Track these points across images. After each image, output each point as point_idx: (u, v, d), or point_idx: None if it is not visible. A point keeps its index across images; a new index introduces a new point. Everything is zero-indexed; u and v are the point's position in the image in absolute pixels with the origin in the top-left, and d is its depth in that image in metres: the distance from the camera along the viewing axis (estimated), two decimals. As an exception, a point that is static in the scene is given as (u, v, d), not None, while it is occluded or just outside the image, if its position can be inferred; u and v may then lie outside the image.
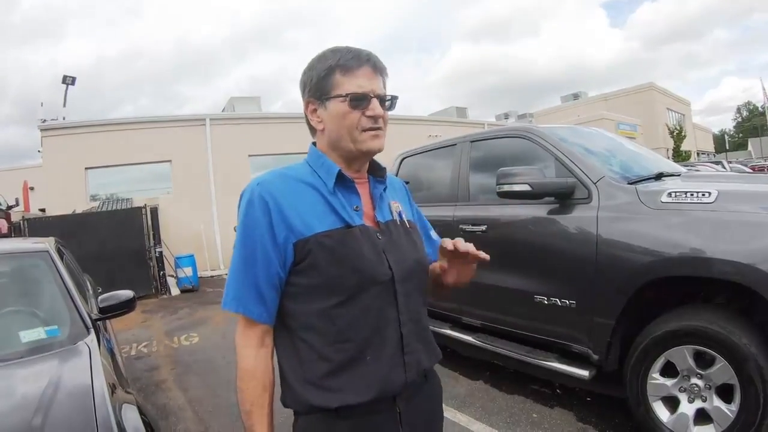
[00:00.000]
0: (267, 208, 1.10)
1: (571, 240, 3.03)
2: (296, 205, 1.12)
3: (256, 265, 1.10)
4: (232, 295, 1.13)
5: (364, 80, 1.14)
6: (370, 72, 1.16)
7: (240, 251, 1.13)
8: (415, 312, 1.20)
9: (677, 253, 2.53)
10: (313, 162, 1.21)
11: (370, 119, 1.14)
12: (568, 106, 37.76)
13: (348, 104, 1.13)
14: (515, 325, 3.52)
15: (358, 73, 1.14)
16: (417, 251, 1.27)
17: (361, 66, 1.15)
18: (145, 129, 14.04)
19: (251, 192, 1.13)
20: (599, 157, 3.33)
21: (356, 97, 1.13)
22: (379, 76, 1.18)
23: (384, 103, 1.17)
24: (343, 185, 1.18)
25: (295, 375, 1.13)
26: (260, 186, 1.13)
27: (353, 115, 1.14)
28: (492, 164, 3.72)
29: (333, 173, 1.17)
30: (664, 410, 2.65)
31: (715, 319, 2.47)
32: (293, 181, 1.16)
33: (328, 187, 1.16)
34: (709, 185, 2.69)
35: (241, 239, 1.13)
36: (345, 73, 1.14)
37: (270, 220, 1.09)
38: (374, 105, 1.14)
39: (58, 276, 2.81)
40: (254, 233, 1.10)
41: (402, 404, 1.15)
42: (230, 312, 1.12)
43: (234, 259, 1.14)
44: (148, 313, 8.67)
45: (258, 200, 1.11)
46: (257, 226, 1.10)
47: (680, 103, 41.09)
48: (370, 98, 1.14)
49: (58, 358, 2.14)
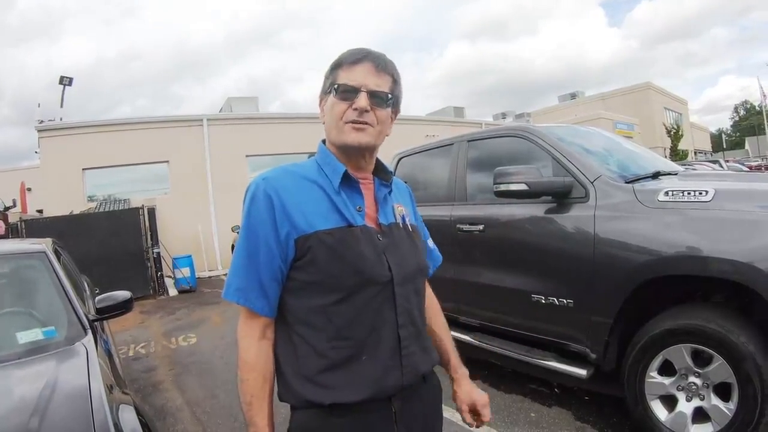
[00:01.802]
0: (271, 203, 1.11)
1: (569, 239, 3.03)
2: (300, 202, 1.13)
3: (259, 258, 1.12)
4: (235, 286, 1.15)
5: (359, 75, 1.15)
6: (370, 68, 1.16)
7: (243, 244, 1.14)
8: (413, 315, 1.20)
9: (674, 251, 2.54)
10: (321, 160, 1.23)
11: (355, 112, 1.14)
12: (565, 105, 37.88)
13: (336, 95, 1.16)
14: (513, 324, 3.52)
15: (355, 68, 1.16)
16: (418, 255, 1.27)
17: (360, 62, 1.16)
18: (143, 129, 14.03)
19: (256, 187, 1.14)
20: (596, 157, 3.34)
21: (344, 89, 1.14)
22: (382, 74, 1.17)
23: (379, 100, 1.16)
24: (348, 185, 1.19)
25: (291, 369, 1.14)
26: (265, 181, 1.14)
27: (340, 106, 1.15)
28: (489, 164, 3.72)
29: (339, 172, 1.17)
30: (662, 409, 2.66)
31: (713, 317, 2.47)
32: (299, 178, 1.18)
33: (333, 186, 1.17)
34: (706, 184, 2.69)
35: (245, 233, 1.14)
36: (345, 69, 1.17)
37: (273, 215, 1.11)
38: (360, 98, 1.13)
39: (55, 277, 2.80)
40: (258, 228, 1.12)
41: (397, 404, 1.15)
42: (232, 302, 1.14)
43: (237, 251, 1.16)
44: (146, 313, 8.66)
45: (262, 195, 1.12)
46: (261, 221, 1.12)
47: (677, 102, 41.24)
48: (359, 91, 1.14)
49: (55, 359, 2.13)
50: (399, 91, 1.23)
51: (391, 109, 1.21)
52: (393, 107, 1.22)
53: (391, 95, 1.19)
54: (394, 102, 1.21)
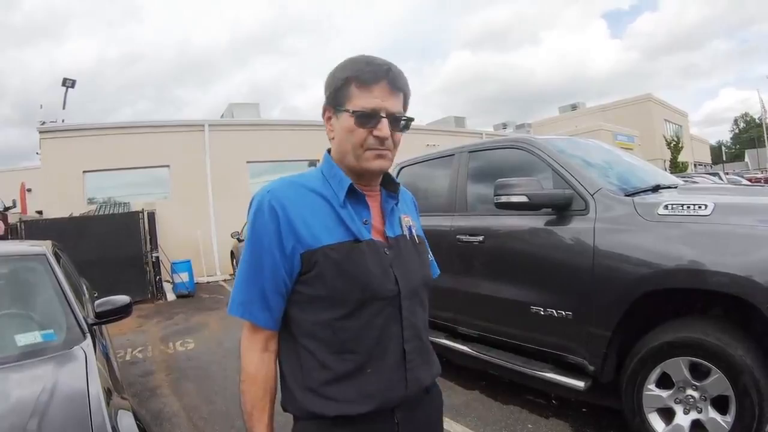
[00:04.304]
0: (276, 216, 1.10)
1: (568, 251, 3.04)
2: (305, 216, 1.11)
3: (264, 272, 1.11)
4: (239, 300, 1.14)
5: (377, 98, 1.10)
6: (387, 89, 1.11)
7: (248, 258, 1.13)
8: (418, 328, 1.20)
9: (674, 265, 2.54)
10: (327, 171, 1.20)
11: (376, 140, 1.11)
12: (566, 116, 37.98)
13: (355, 121, 1.11)
14: (511, 335, 3.52)
15: (373, 88, 1.10)
16: (424, 268, 1.27)
17: (378, 82, 1.11)
18: (144, 133, 14.08)
19: (261, 199, 1.13)
20: (597, 169, 3.35)
21: (364, 115, 1.10)
22: (397, 93, 1.14)
23: (396, 123, 1.14)
24: (354, 198, 1.17)
25: (295, 380, 1.14)
26: (270, 194, 1.13)
27: (360, 133, 1.11)
28: (490, 175, 3.73)
29: (344, 186, 1.15)
30: (660, 421, 2.65)
31: (711, 331, 2.47)
32: (304, 190, 1.16)
33: (338, 199, 1.15)
34: (706, 198, 2.71)
35: (250, 246, 1.13)
36: (360, 87, 1.11)
37: (278, 228, 1.10)
38: (383, 125, 1.10)
39: (54, 280, 2.80)
40: (262, 241, 1.11)
41: (400, 415, 1.15)
42: (236, 317, 1.14)
43: (242, 265, 1.15)
44: (144, 318, 8.64)
45: (267, 208, 1.11)
46: (266, 235, 1.10)
47: (678, 115, 41.35)
48: (380, 118, 1.10)
49: (54, 362, 2.13)
50: (408, 104, 1.20)
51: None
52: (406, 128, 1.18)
53: (405, 117, 1.16)
54: (407, 125, 1.17)
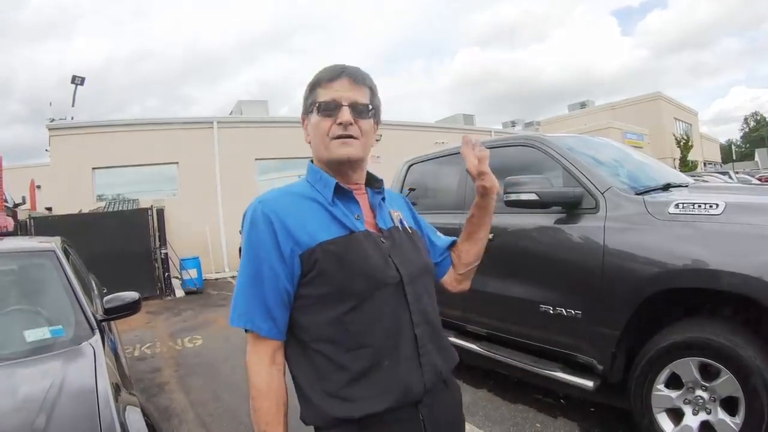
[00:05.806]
0: (271, 224, 1.12)
1: (578, 250, 3.02)
2: (299, 218, 1.14)
3: (264, 281, 1.12)
4: (240, 311, 1.14)
5: (338, 90, 1.17)
6: (348, 83, 1.18)
7: (247, 269, 1.14)
8: (427, 313, 1.21)
9: (684, 264, 2.52)
10: (312, 177, 1.25)
11: (340, 127, 1.16)
12: (575, 114, 37.81)
13: (318, 113, 1.18)
14: (520, 334, 3.51)
15: (333, 84, 1.18)
16: (421, 255, 1.29)
17: (338, 78, 1.18)
18: (153, 131, 14.10)
19: (254, 211, 1.15)
20: (607, 167, 3.33)
21: (325, 106, 1.17)
22: (360, 87, 1.20)
23: (361, 112, 1.19)
24: (342, 196, 1.21)
25: (313, 389, 1.13)
26: (262, 204, 1.16)
27: (324, 123, 1.18)
28: (500, 172, 3.67)
29: (331, 185, 1.20)
30: (669, 422, 2.63)
31: (721, 331, 2.45)
32: (294, 197, 1.20)
33: (328, 198, 1.19)
34: (717, 197, 2.68)
35: (247, 257, 1.14)
36: (323, 87, 1.19)
37: (275, 235, 1.11)
38: (343, 111, 1.16)
39: (63, 276, 2.82)
40: (260, 250, 1.12)
41: (425, 411, 1.16)
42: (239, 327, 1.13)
43: (241, 276, 1.16)
44: (152, 314, 8.69)
45: (261, 218, 1.13)
46: (262, 244, 1.12)
47: (687, 113, 41.03)
48: (340, 106, 1.16)
49: (63, 358, 2.14)
50: (378, 102, 1.26)
51: (373, 120, 1.23)
52: (374, 117, 1.24)
53: (371, 106, 1.22)
54: (374, 112, 1.23)
